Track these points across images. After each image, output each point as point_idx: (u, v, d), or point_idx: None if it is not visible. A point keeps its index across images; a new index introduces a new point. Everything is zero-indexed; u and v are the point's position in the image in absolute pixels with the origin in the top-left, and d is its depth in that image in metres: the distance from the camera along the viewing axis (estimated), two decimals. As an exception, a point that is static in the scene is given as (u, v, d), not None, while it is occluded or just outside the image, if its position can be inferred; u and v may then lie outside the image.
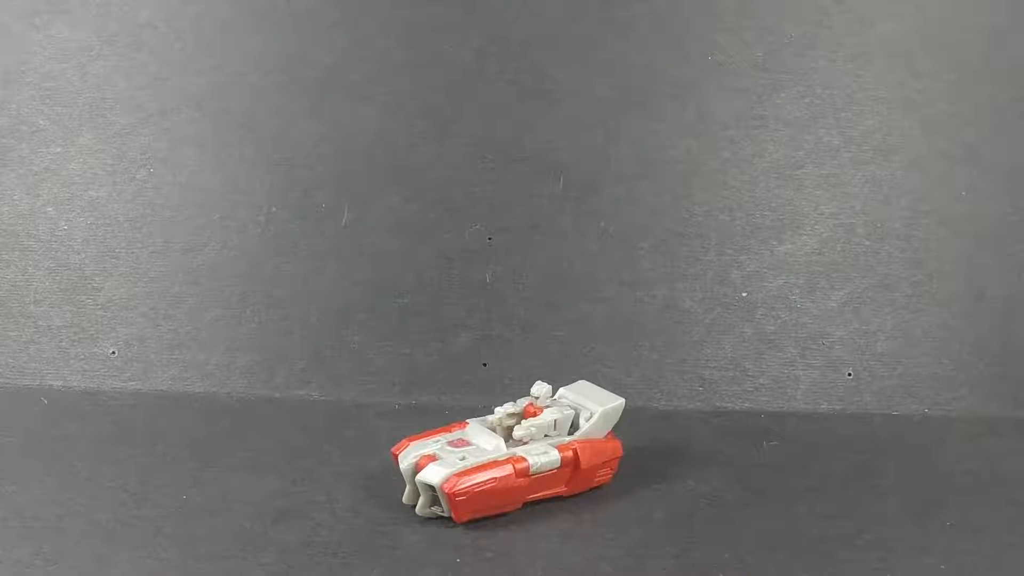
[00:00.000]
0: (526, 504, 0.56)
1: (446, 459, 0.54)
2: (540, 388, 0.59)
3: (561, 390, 0.60)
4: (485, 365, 0.72)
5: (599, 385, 0.61)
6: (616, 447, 0.59)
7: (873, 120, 0.73)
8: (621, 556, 0.52)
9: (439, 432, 0.57)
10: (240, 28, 0.74)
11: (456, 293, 0.73)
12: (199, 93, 0.74)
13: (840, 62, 0.73)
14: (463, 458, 0.54)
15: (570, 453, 0.56)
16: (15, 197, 0.74)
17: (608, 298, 0.72)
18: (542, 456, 0.55)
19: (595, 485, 0.58)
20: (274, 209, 0.74)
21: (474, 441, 0.56)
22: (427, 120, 0.74)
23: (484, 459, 0.55)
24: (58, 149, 0.74)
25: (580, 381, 0.61)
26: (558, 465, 0.56)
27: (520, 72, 0.74)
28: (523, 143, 0.74)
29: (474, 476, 0.53)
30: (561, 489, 0.57)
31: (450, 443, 0.56)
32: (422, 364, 0.72)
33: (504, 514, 0.55)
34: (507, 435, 0.57)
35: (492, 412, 0.58)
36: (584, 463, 0.57)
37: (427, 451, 0.55)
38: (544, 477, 0.56)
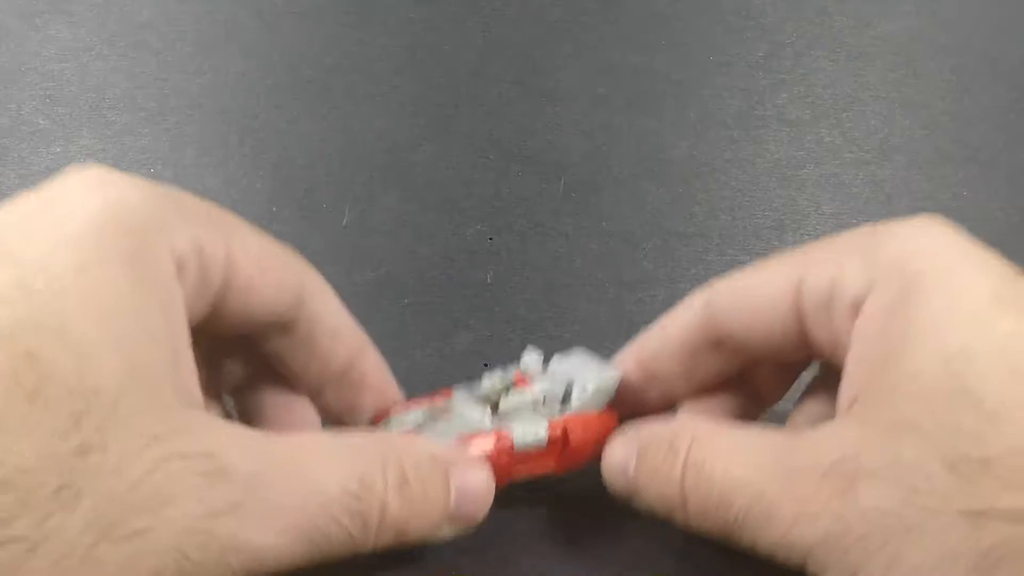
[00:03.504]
0: (511, 483, 0.50)
1: (427, 433, 0.50)
2: (530, 358, 0.53)
3: (555, 357, 0.55)
4: (486, 365, 0.72)
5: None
6: (611, 420, 0.52)
7: (875, 120, 0.73)
8: (621, 557, 0.52)
9: (421, 401, 0.53)
10: (240, 28, 0.74)
11: (457, 293, 0.73)
12: (199, 93, 0.74)
13: (841, 62, 0.73)
14: (444, 432, 0.49)
15: (559, 429, 0.50)
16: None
17: (609, 298, 0.72)
18: (529, 432, 0.50)
19: (589, 459, 0.52)
20: (274, 209, 0.74)
21: (457, 413, 0.51)
22: (427, 120, 0.74)
23: (465, 432, 0.49)
24: (58, 149, 0.74)
25: (576, 348, 0.57)
26: (545, 442, 0.50)
27: (520, 72, 0.74)
28: (523, 143, 0.74)
29: None
30: (549, 467, 0.51)
31: (432, 415, 0.51)
32: (422, 364, 0.72)
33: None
34: (492, 406, 0.52)
35: (480, 381, 0.54)
36: (574, 440, 0.50)
37: (409, 423, 0.51)
38: (530, 455, 0.50)
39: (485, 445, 0.49)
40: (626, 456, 0.48)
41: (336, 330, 0.50)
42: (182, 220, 0.40)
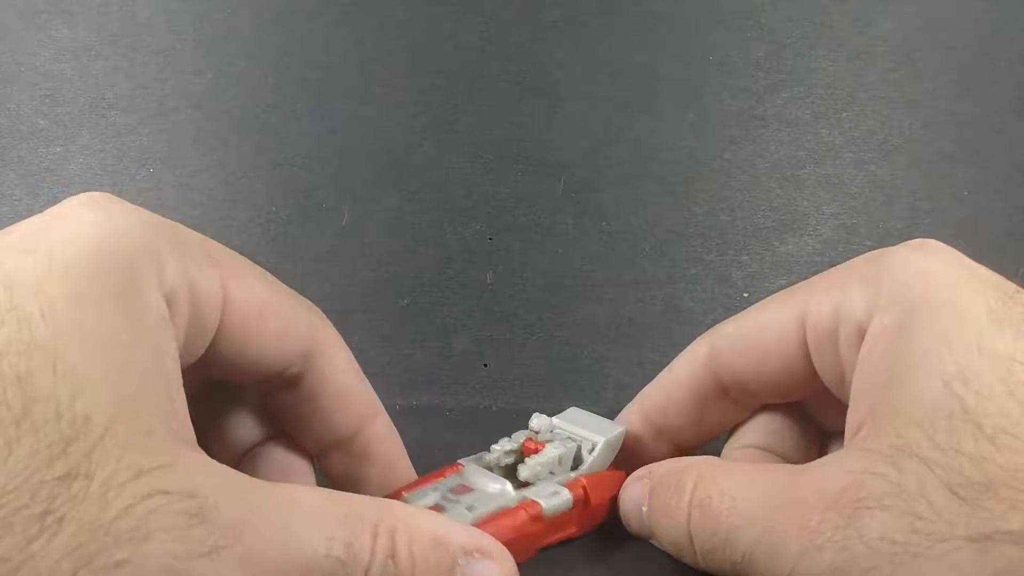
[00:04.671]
0: (541, 551, 0.49)
1: (452, 511, 0.47)
2: (540, 421, 0.53)
3: (554, 420, 0.55)
4: (486, 366, 0.72)
5: (597, 390, 0.59)
6: (621, 478, 0.52)
7: (874, 120, 0.73)
8: (622, 560, 0.52)
9: (433, 478, 0.51)
10: (240, 28, 0.74)
11: (456, 293, 0.73)
12: (199, 93, 0.74)
13: (841, 62, 0.73)
14: (471, 507, 0.47)
15: (580, 491, 0.50)
16: (15, 197, 0.74)
17: (609, 298, 0.72)
18: (553, 497, 0.49)
19: (605, 518, 0.52)
20: (274, 209, 0.74)
21: (476, 486, 0.49)
22: (427, 120, 0.74)
23: (494, 507, 0.47)
24: (58, 149, 0.74)
25: (571, 409, 0.57)
26: (571, 505, 0.49)
27: (520, 72, 0.74)
28: (523, 143, 0.74)
29: (487, 528, 0.46)
30: (572, 530, 0.50)
31: (452, 490, 0.49)
32: (422, 364, 0.72)
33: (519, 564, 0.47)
34: (505, 474, 0.51)
35: (489, 451, 0.52)
36: (594, 499, 0.50)
37: (429, 501, 0.48)
38: (556, 520, 0.49)
39: (517, 518, 0.47)
40: (641, 495, 0.48)
41: (344, 393, 0.48)
42: (174, 255, 0.39)
